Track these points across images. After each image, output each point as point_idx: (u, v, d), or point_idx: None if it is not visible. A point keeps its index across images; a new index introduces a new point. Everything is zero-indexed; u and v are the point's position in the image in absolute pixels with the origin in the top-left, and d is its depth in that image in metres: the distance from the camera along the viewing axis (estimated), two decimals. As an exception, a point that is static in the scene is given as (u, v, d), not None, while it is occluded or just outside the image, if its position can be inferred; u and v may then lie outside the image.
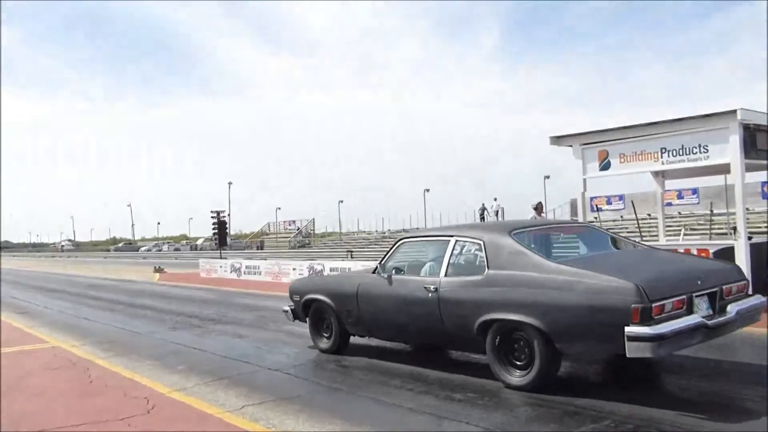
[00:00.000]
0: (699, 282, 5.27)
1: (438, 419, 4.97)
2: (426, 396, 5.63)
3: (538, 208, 14.38)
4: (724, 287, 5.45)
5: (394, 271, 6.79)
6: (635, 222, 11.39)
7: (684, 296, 5.05)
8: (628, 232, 22.48)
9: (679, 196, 35.25)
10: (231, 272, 22.75)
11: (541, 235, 6.64)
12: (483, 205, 40.24)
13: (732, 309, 5.37)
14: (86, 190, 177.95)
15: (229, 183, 66.62)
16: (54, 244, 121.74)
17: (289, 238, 54.29)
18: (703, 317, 5.08)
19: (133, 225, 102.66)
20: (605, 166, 10.77)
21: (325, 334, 7.82)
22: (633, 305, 4.74)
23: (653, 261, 6.09)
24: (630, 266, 5.72)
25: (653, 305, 4.78)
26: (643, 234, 12.63)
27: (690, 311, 5.06)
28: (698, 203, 34.57)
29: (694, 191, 36.18)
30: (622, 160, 10.54)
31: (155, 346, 8.95)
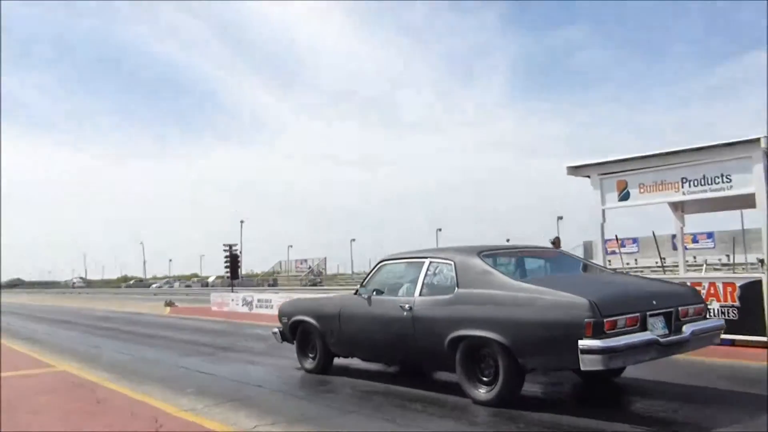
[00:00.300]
0: (654, 302, 5.54)
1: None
2: (446, 420, 5.39)
3: (556, 243, 14.17)
4: (680, 308, 5.70)
5: (374, 293, 7.10)
6: (657, 253, 11.16)
7: (637, 314, 5.30)
8: (645, 274, 22.08)
9: (694, 240, 34.83)
10: (243, 305, 22.48)
11: (509, 257, 6.97)
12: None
13: (687, 329, 5.62)
14: (98, 228, 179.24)
15: (241, 221, 67.07)
16: (65, 281, 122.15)
17: (300, 277, 54.03)
18: (657, 335, 5.32)
19: (144, 262, 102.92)
20: (624, 196, 10.57)
21: (310, 355, 8.09)
22: (586, 320, 5.01)
23: (613, 282, 6.40)
24: (588, 285, 5.98)
25: (605, 320, 5.04)
26: (666, 269, 12.38)
27: (644, 328, 5.30)
28: (714, 247, 34.14)
29: (710, 235, 35.78)
30: (642, 190, 10.34)
31: (165, 371, 8.74)
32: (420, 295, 6.55)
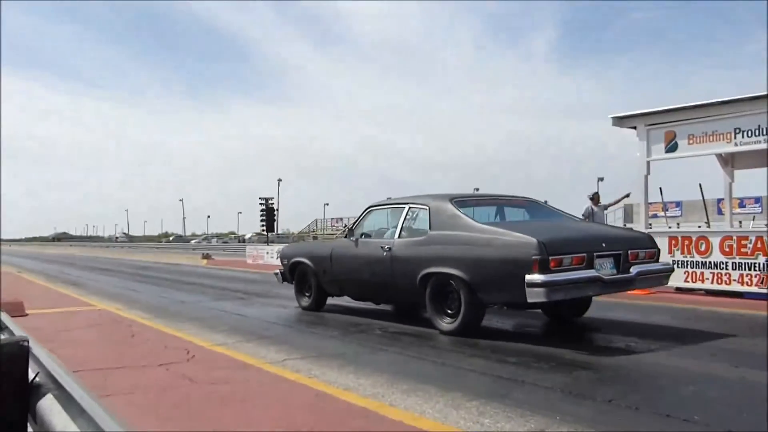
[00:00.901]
0: (603, 245, 6.09)
1: (491, 378, 4.61)
2: (477, 358, 5.31)
3: (595, 198, 13.74)
4: (629, 251, 6.22)
5: (362, 236, 7.77)
6: (704, 213, 10.68)
7: (584, 254, 5.83)
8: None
9: (741, 205, 33.73)
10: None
11: (479, 203, 7.47)
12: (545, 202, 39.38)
13: (634, 270, 6.16)
14: (141, 186, 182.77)
15: (279, 180, 67.25)
16: (109, 236, 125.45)
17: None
18: (604, 274, 5.89)
19: (184, 219, 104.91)
20: (672, 147, 10.17)
21: (306, 293, 8.81)
22: (533, 257, 5.58)
23: (567, 227, 6.79)
24: (543, 229, 6.35)
25: (551, 258, 5.60)
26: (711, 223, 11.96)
27: (590, 267, 5.83)
28: (761, 212, 33.03)
29: (757, 200, 34.64)
30: (691, 141, 9.92)
31: (198, 312, 8.86)
32: (399, 237, 7.18)
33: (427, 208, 7.00)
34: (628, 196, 13.61)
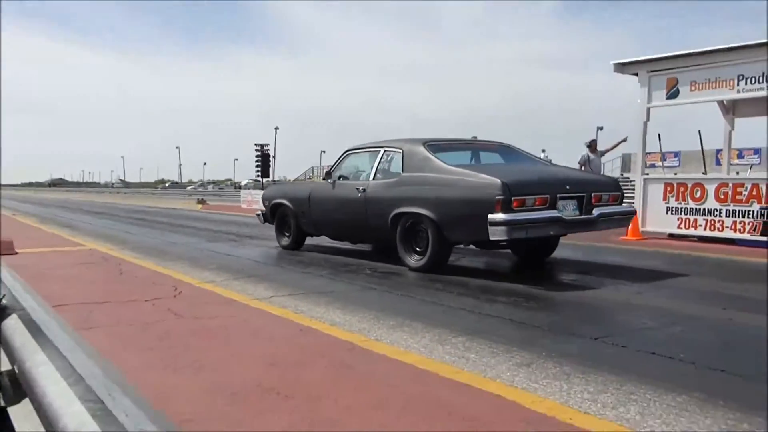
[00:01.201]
0: (567, 187, 6.29)
1: (479, 316, 4.59)
2: (466, 297, 5.28)
3: (592, 145, 13.59)
4: (593, 194, 6.42)
5: (340, 178, 7.96)
6: (702, 163, 10.54)
7: (547, 195, 6.03)
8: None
9: (740, 155, 33.51)
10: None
11: (453, 147, 7.62)
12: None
13: (596, 211, 6.40)
14: (137, 134, 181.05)
15: (276, 128, 66.21)
16: (105, 182, 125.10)
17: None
18: (566, 215, 6.12)
19: (180, 165, 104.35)
20: (673, 94, 9.97)
21: (286, 234, 9.07)
22: (496, 197, 5.79)
23: (533, 170, 6.94)
24: (509, 171, 6.57)
25: (513, 198, 5.81)
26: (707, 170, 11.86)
27: (553, 208, 6.04)
28: (759, 164, 32.88)
29: (756, 151, 34.43)
30: (693, 87, 9.72)
31: (189, 252, 8.82)
32: (374, 179, 7.37)
33: (400, 151, 7.20)
34: (625, 140, 13.48)
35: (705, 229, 9.50)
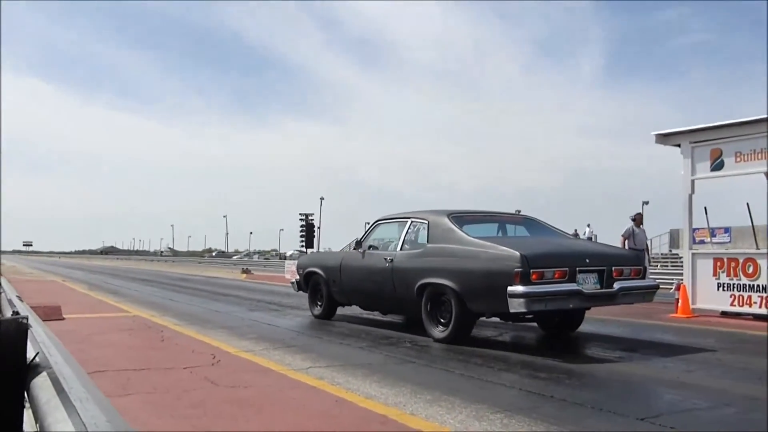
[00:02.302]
0: (587, 260, 6.36)
1: (519, 392, 4.44)
2: (506, 372, 5.14)
3: (637, 219, 13.38)
4: (613, 268, 6.47)
5: (370, 248, 8.12)
6: (754, 240, 10.19)
7: (566, 269, 6.11)
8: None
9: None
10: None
11: (477, 220, 7.77)
12: (575, 231, 38.76)
13: (617, 285, 6.42)
14: (186, 199, 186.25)
15: (321, 198, 67.19)
16: (155, 251, 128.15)
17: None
18: (586, 288, 6.15)
19: (227, 235, 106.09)
20: (717, 165, 9.81)
21: (318, 302, 9.17)
22: (515, 269, 5.86)
23: (553, 243, 7.08)
24: (531, 243, 6.83)
25: (532, 271, 5.89)
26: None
27: (572, 281, 6.10)
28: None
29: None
30: (739, 159, 9.55)
31: (230, 321, 8.88)
32: (401, 249, 7.56)
33: (426, 222, 7.37)
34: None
35: (760, 306, 9.10)
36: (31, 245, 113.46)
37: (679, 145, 10.37)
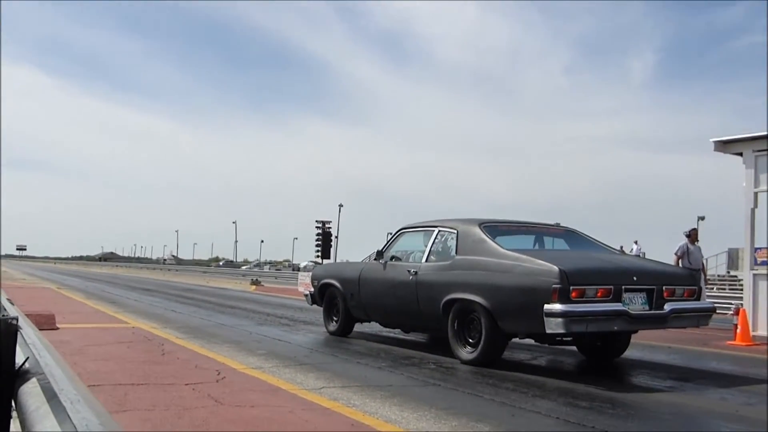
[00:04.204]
0: (635, 278, 6.28)
1: (555, 420, 4.38)
2: (542, 399, 5.09)
3: (692, 235, 13.18)
4: (664, 287, 6.35)
5: (392, 259, 8.12)
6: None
7: (610, 286, 6.00)
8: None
9: None
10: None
11: (512, 230, 7.78)
12: (621, 248, 38.39)
13: (668, 307, 6.27)
14: (192, 203, 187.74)
15: (340, 205, 67.43)
16: (157, 258, 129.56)
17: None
18: (633, 309, 6.03)
19: (236, 243, 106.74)
20: (785, 177, 9.65)
21: (334, 318, 9.15)
22: (552, 285, 5.75)
23: (601, 258, 6.92)
24: (572, 257, 6.80)
25: (572, 288, 5.77)
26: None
27: (617, 301, 5.99)
28: None
29: None
30: (808, 169, 9.39)
31: (238, 335, 8.91)
32: (426, 261, 7.51)
33: (455, 231, 7.33)
34: None
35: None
36: (25, 249, 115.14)
37: (740, 154, 10.25)
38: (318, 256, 30.40)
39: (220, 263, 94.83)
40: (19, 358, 2.03)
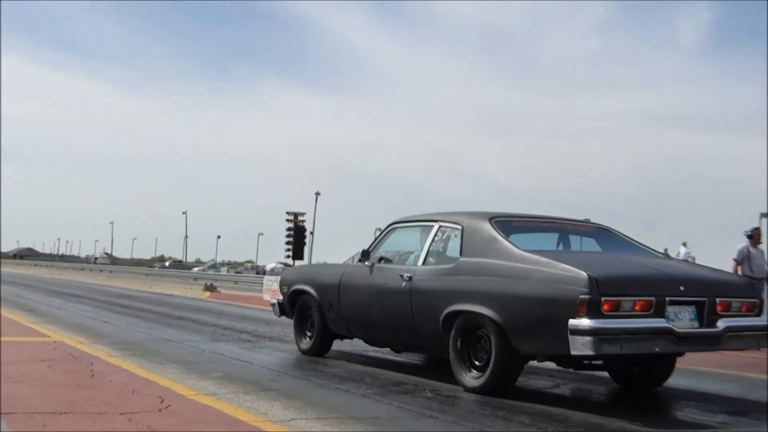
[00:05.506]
0: (681, 288, 6.22)
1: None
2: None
3: (755, 236, 13.27)
4: (718, 300, 6.33)
5: (381, 260, 8.16)
6: None
7: (652, 298, 5.97)
8: None
9: None
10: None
11: (530, 227, 7.87)
12: (665, 251, 38.69)
13: (722, 324, 6.25)
14: (132, 188, 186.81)
15: (317, 193, 67.50)
16: (87, 256, 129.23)
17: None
18: (678, 326, 5.99)
19: (186, 238, 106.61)
20: None
21: (308, 333, 9.16)
22: (580, 296, 5.70)
23: (639, 263, 6.90)
24: (604, 262, 6.89)
25: (604, 299, 5.72)
26: None
27: (660, 316, 5.97)
28: None
29: None
30: None
31: (187, 354, 8.97)
32: (423, 264, 7.54)
33: (460, 227, 7.34)
34: None
35: None
36: None
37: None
38: (288, 257, 30.36)
39: (166, 263, 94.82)
40: None
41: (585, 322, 5.68)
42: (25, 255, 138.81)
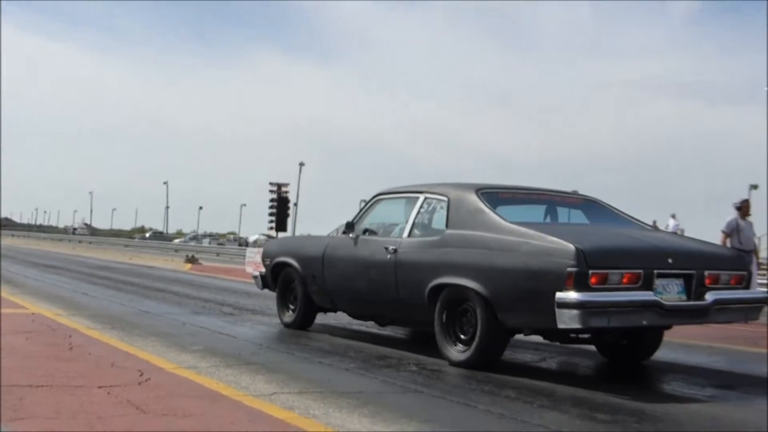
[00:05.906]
0: (669, 260, 6.26)
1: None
2: (550, 411, 5.20)
3: (743, 207, 13.36)
4: (706, 272, 6.38)
5: (366, 232, 8.18)
6: None
7: (640, 270, 6.04)
8: None
9: None
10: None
11: (518, 199, 7.90)
12: (654, 223, 38.90)
13: (710, 296, 6.30)
14: (112, 157, 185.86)
15: (301, 164, 67.29)
16: (65, 227, 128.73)
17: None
18: (665, 298, 6.06)
19: (167, 208, 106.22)
20: None
21: (291, 306, 9.20)
22: (568, 269, 5.76)
23: (628, 235, 7.00)
24: (592, 234, 6.96)
25: (591, 272, 5.78)
26: None
27: (648, 288, 6.01)
28: None
29: None
30: None
31: (167, 326, 8.98)
32: (408, 236, 7.58)
33: (446, 199, 7.38)
34: None
35: None
36: None
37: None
38: (272, 228, 30.33)
39: (147, 235, 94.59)
40: None
41: (572, 295, 5.73)
42: (2, 225, 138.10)
